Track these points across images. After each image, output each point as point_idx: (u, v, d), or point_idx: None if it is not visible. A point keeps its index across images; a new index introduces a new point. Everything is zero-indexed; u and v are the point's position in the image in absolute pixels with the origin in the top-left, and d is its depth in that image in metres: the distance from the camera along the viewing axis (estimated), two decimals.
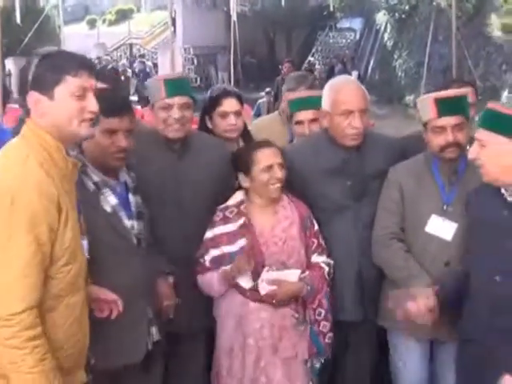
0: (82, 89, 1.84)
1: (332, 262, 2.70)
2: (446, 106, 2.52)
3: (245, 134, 3.15)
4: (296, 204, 2.69)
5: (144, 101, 9.28)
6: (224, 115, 3.02)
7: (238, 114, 3.05)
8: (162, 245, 2.64)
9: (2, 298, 1.71)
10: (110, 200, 2.31)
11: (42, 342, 1.75)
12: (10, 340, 1.70)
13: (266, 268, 2.56)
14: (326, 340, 2.66)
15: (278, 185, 2.60)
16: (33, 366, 1.73)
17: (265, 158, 2.60)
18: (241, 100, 3.14)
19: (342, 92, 2.74)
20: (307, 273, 2.62)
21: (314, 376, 2.71)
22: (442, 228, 2.56)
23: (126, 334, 2.33)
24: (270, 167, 2.58)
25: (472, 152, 2.22)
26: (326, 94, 2.79)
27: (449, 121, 2.51)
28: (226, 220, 2.61)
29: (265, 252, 2.57)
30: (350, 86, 2.81)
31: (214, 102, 3.04)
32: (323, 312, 2.64)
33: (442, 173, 2.62)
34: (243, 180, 2.65)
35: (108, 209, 2.32)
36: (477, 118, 2.39)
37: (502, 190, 2.22)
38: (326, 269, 2.67)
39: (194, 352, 2.86)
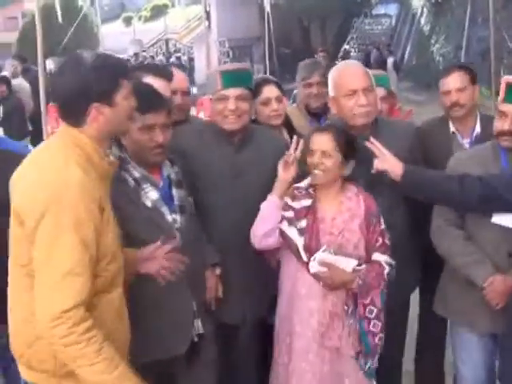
0: (130, 89, 1.93)
1: (394, 262, 2.58)
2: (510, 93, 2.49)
3: (287, 121, 3.17)
4: (365, 198, 2.59)
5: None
6: (266, 102, 3.05)
7: (279, 99, 3.08)
8: (215, 234, 2.67)
9: (52, 297, 1.75)
10: (150, 195, 2.33)
11: (96, 332, 1.80)
12: (66, 337, 1.75)
13: (324, 247, 2.50)
14: (376, 341, 2.54)
15: (317, 171, 2.53)
16: (94, 357, 1.78)
17: (312, 142, 2.56)
18: (280, 87, 3.16)
19: (343, 74, 2.76)
20: (363, 266, 2.52)
21: (368, 377, 2.58)
22: (509, 218, 2.48)
23: (169, 326, 2.35)
24: (313, 152, 2.54)
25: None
26: (330, 80, 2.81)
27: (510, 108, 2.47)
28: (293, 197, 2.59)
29: (320, 239, 2.53)
30: (349, 68, 2.84)
31: (255, 90, 3.00)
32: (375, 310, 2.52)
33: (510, 161, 2.55)
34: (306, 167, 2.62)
35: (149, 204, 2.33)
36: None
37: None
38: (387, 268, 2.55)
39: (249, 343, 2.87)
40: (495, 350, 2.68)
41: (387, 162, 2.55)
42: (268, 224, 2.54)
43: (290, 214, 2.55)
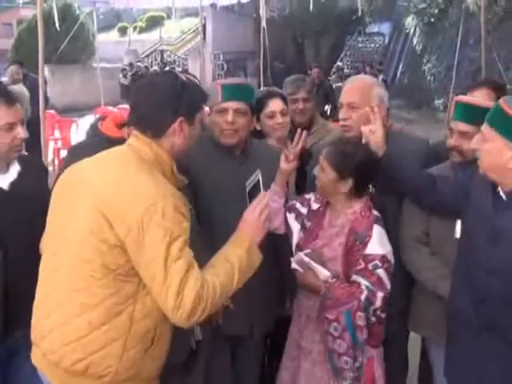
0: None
1: (382, 293, 2.46)
2: (460, 111, 2.61)
3: (292, 133, 3.20)
4: (357, 218, 2.54)
5: None
6: (271, 116, 3.12)
7: (283, 112, 3.15)
8: (220, 246, 2.69)
9: (181, 299, 1.82)
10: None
11: (209, 282, 1.90)
12: (205, 311, 1.87)
13: (308, 250, 2.56)
14: (342, 363, 2.47)
15: (317, 185, 2.60)
16: (224, 287, 1.95)
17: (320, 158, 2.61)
18: (285, 100, 3.23)
19: (345, 86, 2.88)
20: (334, 280, 2.49)
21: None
22: None
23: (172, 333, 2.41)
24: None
25: (475, 142, 2.25)
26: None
27: (458, 126, 2.60)
28: (303, 202, 2.70)
29: (310, 246, 2.61)
30: (349, 82, 2.90)
31: (261, 103, 3.10)
32: (339, 329, 2.45)
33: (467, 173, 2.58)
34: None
35: None
36: None
37: (499, 188, 2.24)
38: (365, 292, 2.44)
39: (255, 354, 2.96)
40: None
41: (376, 135, 2.60)
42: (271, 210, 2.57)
43: (303, 210, 2.65)
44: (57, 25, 11.83)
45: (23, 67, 8.60)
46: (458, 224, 2.58)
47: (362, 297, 2.45)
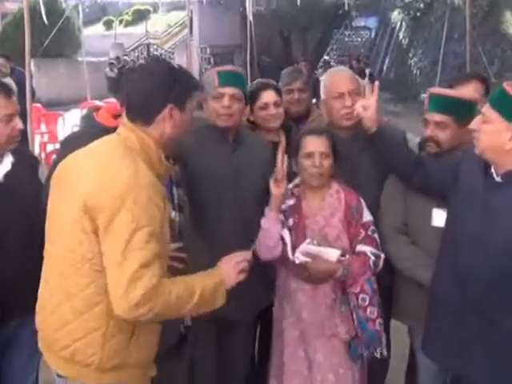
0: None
1: (383, 255, 2.67)
2: (435, 103, 2.67)
3: (286, 125, 3.27)
4: (346, 193, 2.71)
5: None
6: (264, 107, 3.15)
7: (277, 104, 3.18)
8: (213, 232, 2.76)
9: (129, 288, 1.81)
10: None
11: (165, 286, 1.89)
12: (153, 310, 1.84)
13: (308, 240, 2.61)
14: (377, 327, 2.62)
15: (316, 173, 2.65)
16: (178, 298, 1.92)
17: (308, 144, 2.67)
18: (279, 92, 3.27)
19: (332, 78, 2.95)
20: (347, 257, 2.61)
21: (355, 359, 2.68)
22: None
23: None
24: (310, 154, 2.65)
25: (474, 123, 2.31)
26: (322, 83, 2.98)
27: (432, 116, 2.67)
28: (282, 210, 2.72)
29: (306, 234, 2.66)
30: (339, 72, 3.04)
31: (254, 95, 3.16)
32: (367, 298, 2.60)
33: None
34: (294, 164, 2.75)
35: None
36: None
37: (492, 169, 2.32)
38: (372, 258, 2.63)
39: (244, 339, 3.01)
40: None
41: (370, 110, 2.66)
42: (273, 237, 2.64)
43: (281, 217, 2.68)
44: (44, 18, 11.75)
45: (9, 61, 8.55)
46: (435, 212, 2.67)
47: (371, 262, 2.64)
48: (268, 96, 3.16)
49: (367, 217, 2.70)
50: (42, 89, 16.68)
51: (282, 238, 2.66)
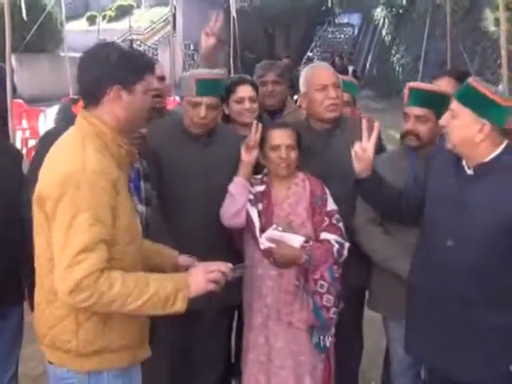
0: (150, 86, 2.08)
1: (348, 244, 2.73)
2: (415, 97, 2.74)
3: (260, 119, 3.29)
4: (311, 182, 2.80)
5: None
6: (239, 101, 3.21)
7: (252, 99, 3.23)
8: (184, 226, 2.81)
9: (68, 273, 1.81)
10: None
11: (110, 277, 1.85)
12: (91, 299, 1.82)
13: (274, 226, 2.69)
14: (331, 315, 2.68)
15: (283, 164, 2.75)
16: (123, 293, 1.86)
17: (274, 137, 2.77)
18: (256, 87, 3.32)
19: (314, 71, 3.02)
20: (311, 243, 2.68)
21: (320, 351, 2.73)
22: None
23: None
24: (277, 147, 2.75)
25: (443, 120, 2.37)
26: (302, 77, 3.03)
27: (413, 110, 2.74)
28: (251, 184, 2.82)
29: (274, 220, 2.74)
30: (320, 66, 3.13)
31: (230, 89, 3.22)
32: (326, 285, 2.66)
33: (417, 160, 2.76)
34: (260, 156, 2.83)
35: None
36: None
37: (463, 162, 2.38)
38: (336, 246, 2.69)
39: (216, 330, 3.06)
40: None
41: (366, 156, 2.56)
42: (237, 203, 2.74)
43: (251, 196, 2.77)
44: (24, 13, 11.65)
45: None
46: None
47: (335, 250, 2.69)
48: (244, 91, 3.21)
49: (331, 206, 2.78)
50: (25, 84, 16.54)
51: (250, 216, 2.74)
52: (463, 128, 2.31)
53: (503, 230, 2.25)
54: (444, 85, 3.13)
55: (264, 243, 2.68)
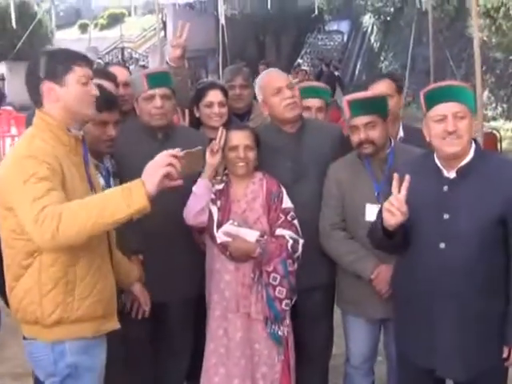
0: (85, 77, 2.20)
1: (302, 240, 2.84)
2: (357, 107, 2.81)
3: (229, 123, 3.40)
4: (268, 181, 2.92)
5: None
6: (209, 105, 3.33)
7: (221, 104, 3.35)
8: (145, 224, 2.82)
9: (29, 222, 1.97)
10: (100, 181, 2.63)
11: (58, 207, 1.98)
12: (47, 233, 1.94)
13: (230, 221, 2.83)
14: (283, 306, 2.80)
15: (241, 164, 2.88)
16: (74, 216, 1.97)
17: (232, 138, 2.90)
18: (225, 92, 3.45)
19: (266, 78, 3.13)
20: (265, 237, 2.81)
21: (277, 343, 2.85)
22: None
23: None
24: (235, 147, 2.88)
25: (452, 125, 2.32)
26: (257, 86, 3.16)
27: (360, 120, 2.80)
28: (212, 184, 2.94)
29: (231, 216, 2.87)
30: (271, 72, 3.23)
31: (201, 93, 3.37)
32: (278, 277, 2.78)
33: (372, 164, 2.88)
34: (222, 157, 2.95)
35: None
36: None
37: (440, 167, 2.43)
38: (290, 241, 2.81)
39: (183, 320, 3.15)
40: (379, 332, 3.06)
41: (397, 218, 2.32)
42: (200, 203, 2.86)
43: (212, 195, 2.91)
44: (13, 21, 11.78)
45: None
46: (367, 207, 2.84)
47: (289, 245, 2.82)
48: (214, 95, 3.33)
49: (287, 204, 2.90)
50: (16, 92, 16.59)
51: (211, 213, 2.88)
52: (470, 127, 2.37)
53: (490, 225, 2.34)
54: (385, 85, 3.23)
55: (220, 237, 2.82)
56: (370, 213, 2.82)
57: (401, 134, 3.29)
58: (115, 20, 33.54)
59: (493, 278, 2.40)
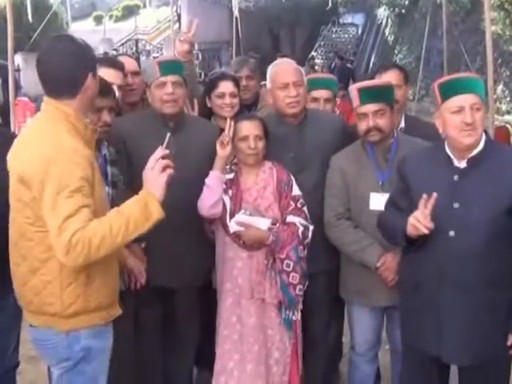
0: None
1: (312, 226, 2.94)
2: (366, 95, 2.86)
3: (240, 113, 3.48)
4: (277, 170, 3.00)
5: None
6: (221, 96, 3.40)
7: (233, 94, 3.42)
8: None
9: (57, 238, 2.02)
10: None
11: (87, 229, 2.05)
12: (81, 256, 2.02)
13: (242, 210, 2.90)
14: (297, 291, 2.89)
15: (251, 154, 2.94)
16: (105, 237, 2.06)
17: (242, 129, 2.96)
18: (237, 83, 3.51)
19: (277, 70, 3.19)
20: (277, 225, 2.89)
21: (287, 328, 2.94)
22: (382, 202, 2.80)
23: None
24: (245, 137, 2.94)
25: (469, 116, 2.36)
26: (268, 75, 3.22)
27: (369, 108, 2.85)
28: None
29: (242, 205, 2.94)
30: (283, 64, 3.28)
31: (213, 84, 3.45)
32: (291, 264, 2.87)
33: (376, 154, 2.94)
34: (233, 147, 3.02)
35: None
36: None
37: (452, 156, 2.48)
38: (301, 228, 2.90)
39: (187, 307, 3.23)
40: (382, 319, 3.12)
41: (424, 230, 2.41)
42: (215, 195, 2.91)
43: (224, 185, 2.96)
44: (29, 13, 11.87)
45: None
46: (372, 196, 2.89)
47: (300, 232, 2.89)
48: (225, 86, 3.40)
49: (296, 191, 2.97)
50: (30, 83, 16.72)
51: (223, 203, 2.93)
52: (483, 118, 2.42)
53: (499, 215, 2.38)
54: (394, 75, 3.28)
55: (233, 227, 2.87)
56: (375, 201, 2.88)
57: (402, 124, 3.34)
58: (130, 12, 33.66)
59: (501, 268, 2.43)
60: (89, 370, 2.29)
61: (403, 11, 19.40)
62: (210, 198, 2.91)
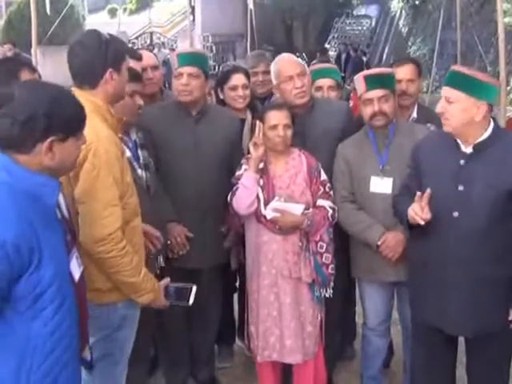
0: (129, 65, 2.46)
1: (337, 208, 3.14)
2: (372, 82, 3.05)
3: (252, 104, 3.68)
4: (306, 156, 3.16)
5: None
6: (233, 88, 3.56)
7: (245, 86, 3.58)
8: (178, 196, 3.19)
9: (100, 223, 2.21)
10: (126, 152, 2.82)
11: (128, 247, 2.31)
12: (110, 253, 2.25)
13: (276, 198, 3.04)
14: (329, 270, 3.10)
15: (280, 141, 3.06)
16: (127, 265, 2.31)
17: (271, 117, 3.07)
18: (248, 75, 3.67)
19: (280, 64, 3.35)
20: (310, 210, 3.06)
21: (319, 304, 3.16)
22: (381, 185, 3.08)
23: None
24: (275, 126, 3.06)
25: (440, 107, 2.59)
26: (272, 71, 3.40)
27: (375, 93, 3.04)
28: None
29: (275, 192, 3.08)
30: (284, 59, 3.42)
31: (225, 76, 3.60)
32: (324, 245, 3.07)
33: (376, 139, 3.14)
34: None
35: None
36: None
37: (459, 141, 2.62)
38: (330, 211, 3.09)
39: (212, 286, 3.43)
40: (392, 294, 3.31)
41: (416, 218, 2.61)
42: (251, 195, 3.05)
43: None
44: (47, 7, 12.04)
45: (15, 48, 8.89)
46: (372, 180, 3.09)
47: (329, 215, 3.09)
48: (237, 79, 3.56)
49: (324, 176, 3.15)
50: (49, 76, 16.91)
51: (258, 196, 3.06)
52: (463, 111, 2.54)
53: (501, 198, 2.52)
54: (410, 69, 3.45)
55: (270, 214, 3.02)
56: (375, 184, 3.08)
57: (414, 115, 3.49)
58: (144, 5, 33.79)
59: (504, 246, 2.57)
60: (121, 337, 2.49)
61: (417, 3, 19.37)
62: (247, 197, 3.04)
